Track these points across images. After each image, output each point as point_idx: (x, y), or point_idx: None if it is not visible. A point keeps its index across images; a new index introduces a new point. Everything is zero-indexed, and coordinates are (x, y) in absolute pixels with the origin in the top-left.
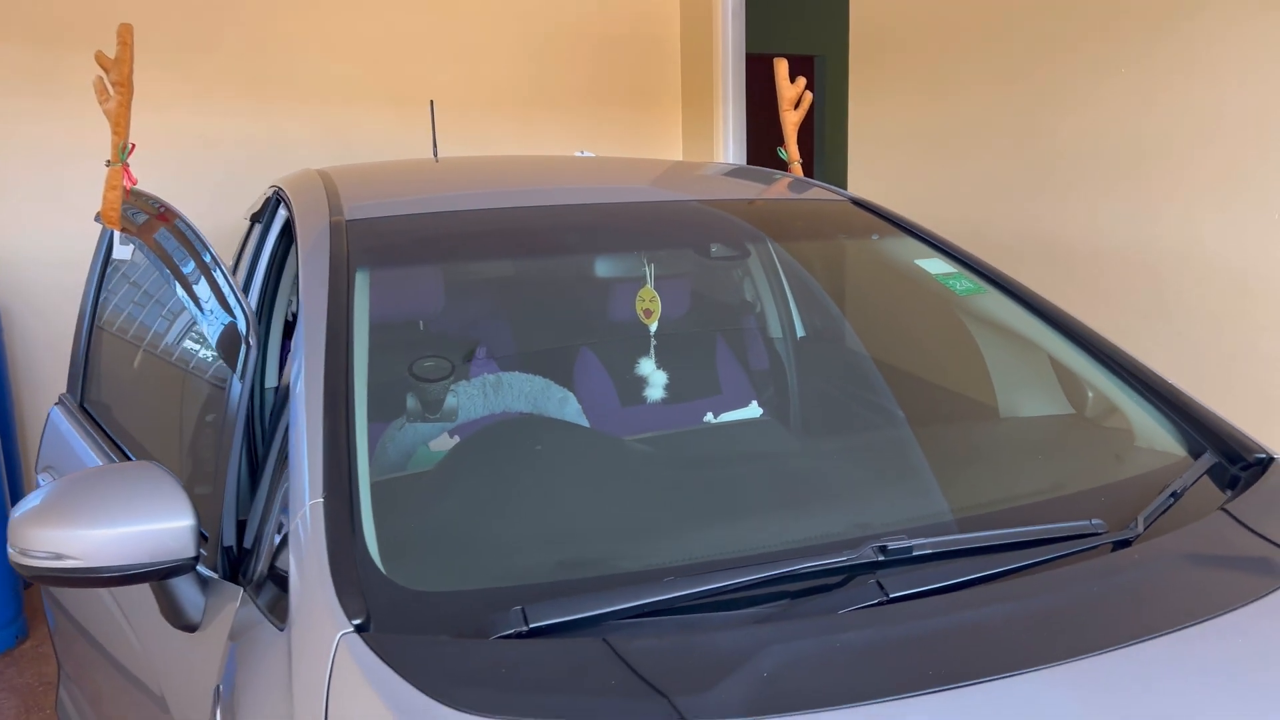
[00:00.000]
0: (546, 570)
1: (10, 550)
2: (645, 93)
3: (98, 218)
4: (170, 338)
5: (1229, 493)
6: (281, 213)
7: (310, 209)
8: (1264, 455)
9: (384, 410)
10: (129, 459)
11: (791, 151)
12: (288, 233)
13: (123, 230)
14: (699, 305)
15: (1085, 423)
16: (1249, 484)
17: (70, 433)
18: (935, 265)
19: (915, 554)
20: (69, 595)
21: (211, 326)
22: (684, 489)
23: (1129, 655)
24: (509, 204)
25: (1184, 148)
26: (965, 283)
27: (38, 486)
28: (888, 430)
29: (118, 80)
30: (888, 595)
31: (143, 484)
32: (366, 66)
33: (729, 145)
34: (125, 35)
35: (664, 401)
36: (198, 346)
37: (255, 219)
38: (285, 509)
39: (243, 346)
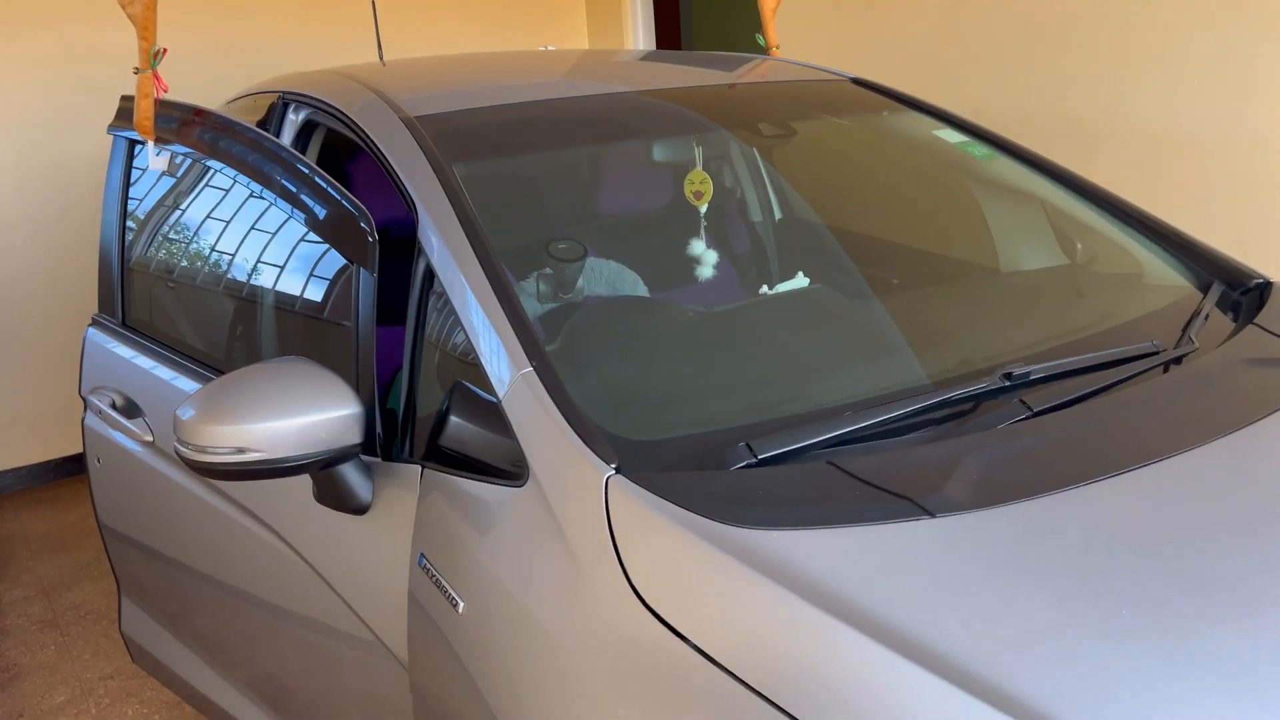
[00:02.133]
0: (741, 414)
1: (183, 450)
2: None
3: (110, 129)
4: (248, 240)
5: (1240, 313)
6: (293, 117)
7: (370, 110)
8: (1261, 280)
9: (526, 289)
10: (213, 368)
11: (770, 37)
12: (304, 136)
13: (158, 140)
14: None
15: (1106, 269)
16: (1259, 303)
17: (122, 351)
18: (951, 135)
19: (1032, 378)
20: (155, 514)
21: (318, 221)
22: (824, 340)
23: (1245, 435)
24: (557, 95)
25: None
26: (982, 149)
27: (89, 409)
28: (958, 284)
29: None
30: (1032, 410)
31: (303, 378)
32: None
33: (639, 34)
34: None
35: (728, 279)
36: (291, 244)
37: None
38: (463, 392)
39: (368, 239)
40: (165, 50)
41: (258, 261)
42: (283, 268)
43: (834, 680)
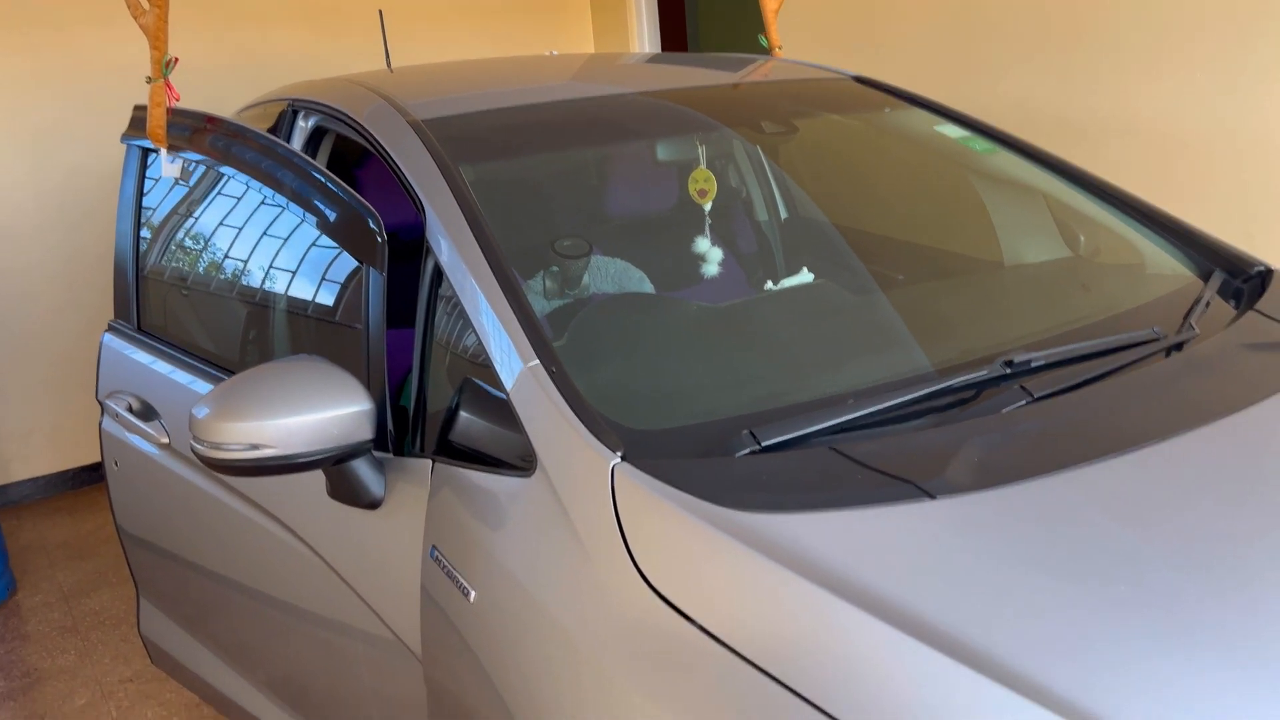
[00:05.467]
0: (745, 404)
1: (198, 447)
2: None
3: (124, 138)
4: (260, 243)
5: (1242, 300)
6: (303, 124)
7: (378, 115)
8: (1263, 267)
9: (533, 285)
10: (227, 370)
11: (773, 38)
12: (314, 142)
13: (170, 148)
14: (738, 184)
15: (1108, 260)
16: (1261, 291)
17: (138, 355)
18: (953, 130)
19: (1033, 365)
20: (172, 515)
21: (328, 223)
22: (824, 332)
23: (1246, 419)
24: (555, 98)
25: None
26: (984, 144)
27: (106, 413)
28: (960, 277)
29: None
30: (1033, 396)
31: (315, 375)
32: None
33: (644, 38)
34: None
35: (733, 275)
36: (302, 246)
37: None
38: (471, 386)
39: (377, 239)
40: (177, 60)
41: (269, 264)
42: (294, 270)
43: (837, 658)
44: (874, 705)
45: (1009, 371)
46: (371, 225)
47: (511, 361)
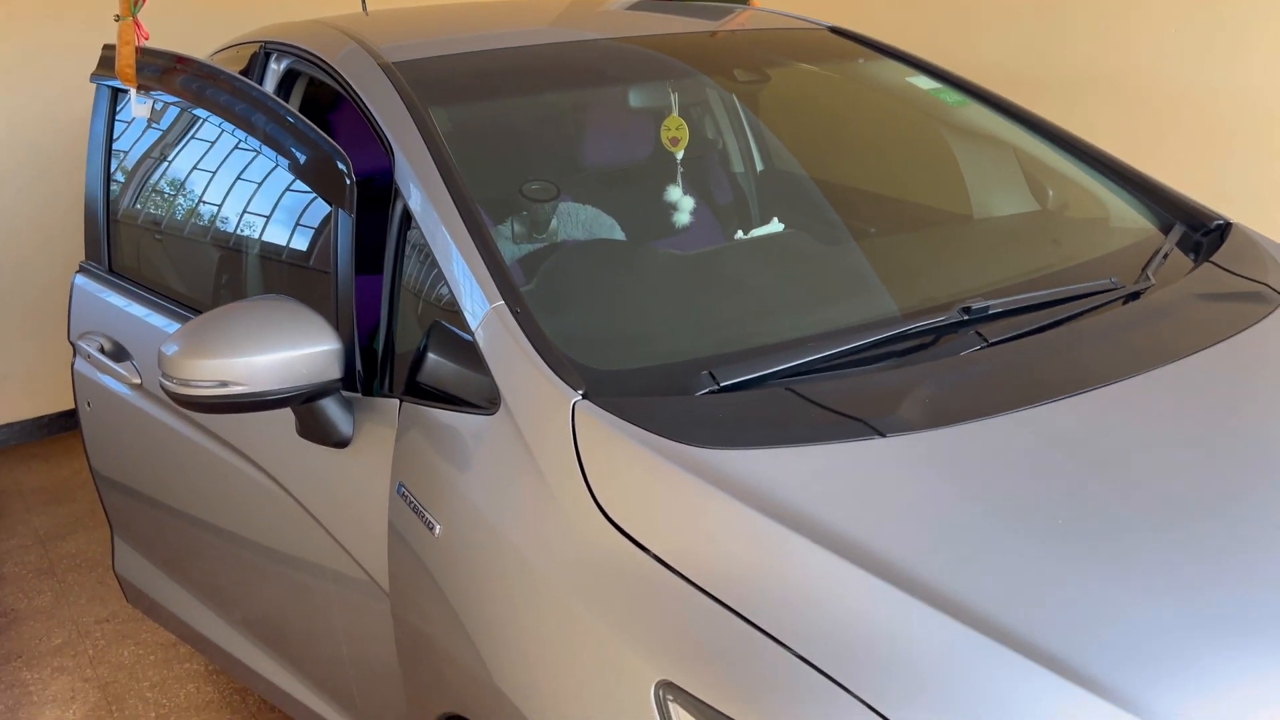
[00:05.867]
0: (706, 346)
1: (167, 384)
2: None
3: (93, 78)
4: (230, 185)
5: (1201, 252)
6: (275, 67)
7: (349, 57)
8: (1221, 221)
9: (500, 227)
10: (197, 311)
11: None
12: (286, 86)
13: (140, 88)
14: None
15: (1075, 213)
16: (1219, 243)
17: (109, 296)
18: (925, 83)
19: (992, 312)
20: (144, 455)
21: (297, 164)
22: (788, 279)
23: (1191, 364)
24: (530, 42)
25: None
26: (955, 96)
27: (78, 354)
28: (928, 229)
29: None
30: (987, 341)
31: (284, 314)
32: None
33: None
34: None
35: (703, 223)
36: (272, 187)
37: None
38: (438, 327)
39: (346, 181)
40: None
41: (239, 206)
42: (263, 211)
43: (784, 584)
44: (817, 630)
45: (966, 318)
46: (340, 167)
47: (477, 302)
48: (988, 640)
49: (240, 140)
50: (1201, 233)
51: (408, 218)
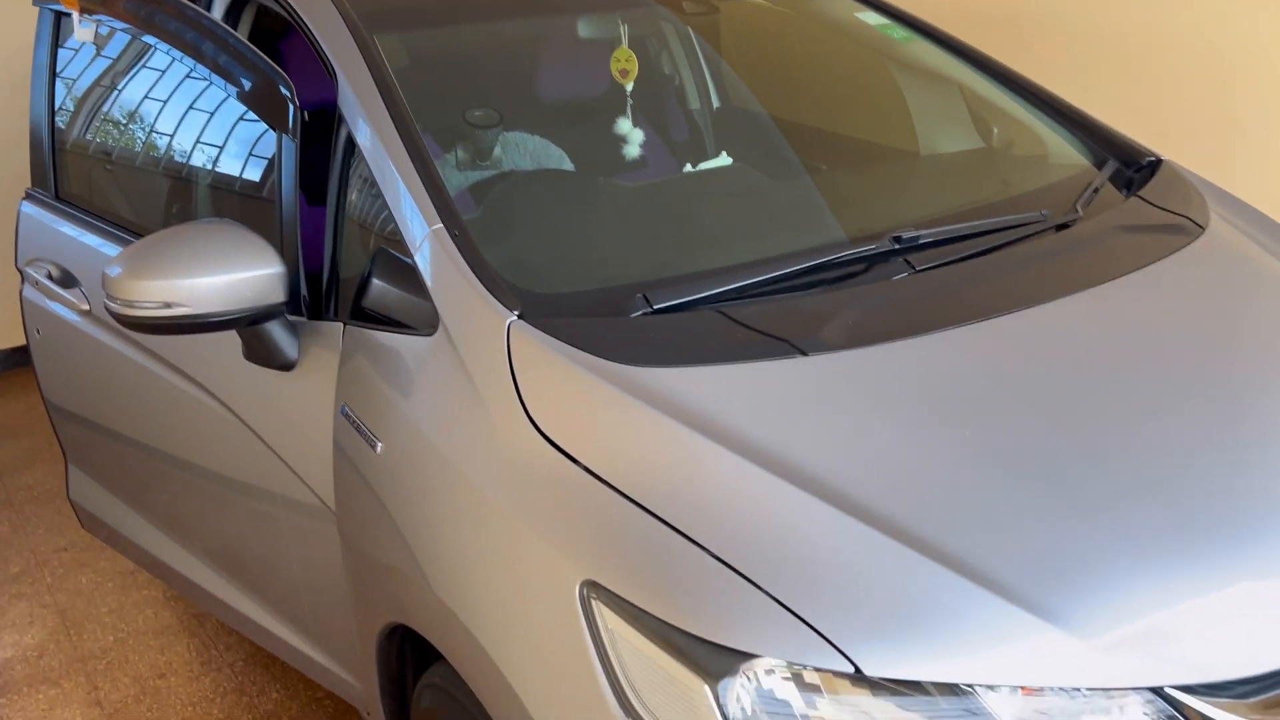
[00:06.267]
0: (642, 272)
1: (112, 305)
2: None
3: (36, 0)
4: (175, 110)
5: (1132, 187)
6: None
7: None
8: (1154, 158)
9: (443, 154)
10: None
11: None
12: (234, 13)
13: (82, 11)
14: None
15: (1016, 150)
16: (1147, 178)
17: (57, 223)
18: (873, 18)
19: (921, 242)
20: (95, 382)
21: (241, 89)
22: (729, 211)
23: (1104, 291)
24: None
25: None
26: (902, 33)
27: (26, 281)
28: (871, 164)
29: None
30: (914, 268)
31: (228, 237)
32: None
33: None
34: None
35: (650, 155)
36: (216, 112)
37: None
38: (379, 251)
39: (290, 106)
40: None
41: (184, 131)
42: (209, 137)
43: (703, 491)
44: (734, 533)
45: (896, 247)
46: (284, 91)
47: (417, 226)
48: (895, 543)
49: (186, 66)
50: (1134, 169)
51: (351, 143)
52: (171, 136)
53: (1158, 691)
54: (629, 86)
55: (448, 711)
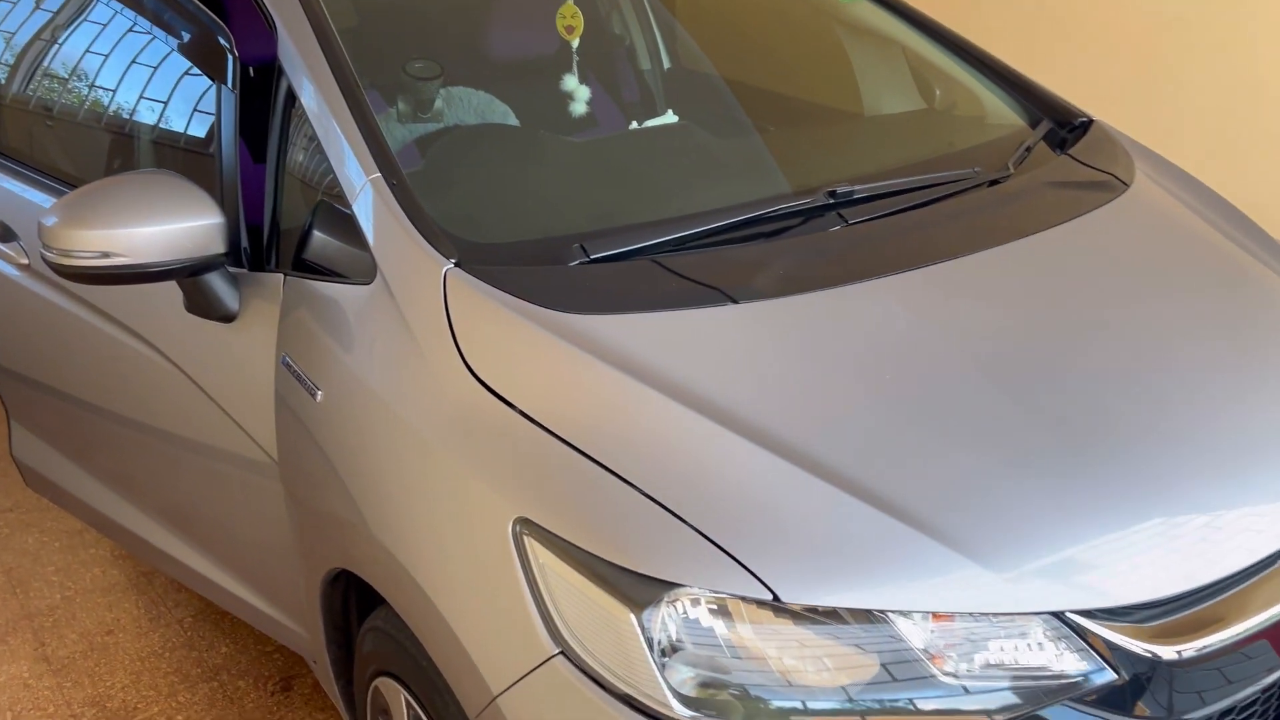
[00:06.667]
0: (578, 223)
1: (48, 255)
2: None
3: None
4: (114, 62)
5: (1065, 146)
6: None
7: None
8: (1085, 119)
9: (384, 106)
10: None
11: None
12: None
13: None
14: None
15: (956, 110)
16: (1079, 138)
17: None
18: None
19: (856, 196)
20: (35, 337)
21: (180, 39)
22: (671, 167)
23: (1028, 243)
24: None
25: None
26: None
27: None
28: (814, 124)
29: None
30: (847, 221)
31: (167, 188)
32: None
33: None
34: None
35: (595, 113)
36: (156, 64)
37: None
38: (319, 202)
39: (229, 58)
40: None
41: (123, 83)
42: (148, 89)
43: (632, 431)
44: (662, 471)
45: (831, 201)
46: (222, 42)
47: (355, 175)
48: (816, 479)
49: (127, 18)
50: (1067, 129)
51: (291, 95)
52: (108, 87)
53: (1059, 616)
54: (575, 43)
55: (390, 654)
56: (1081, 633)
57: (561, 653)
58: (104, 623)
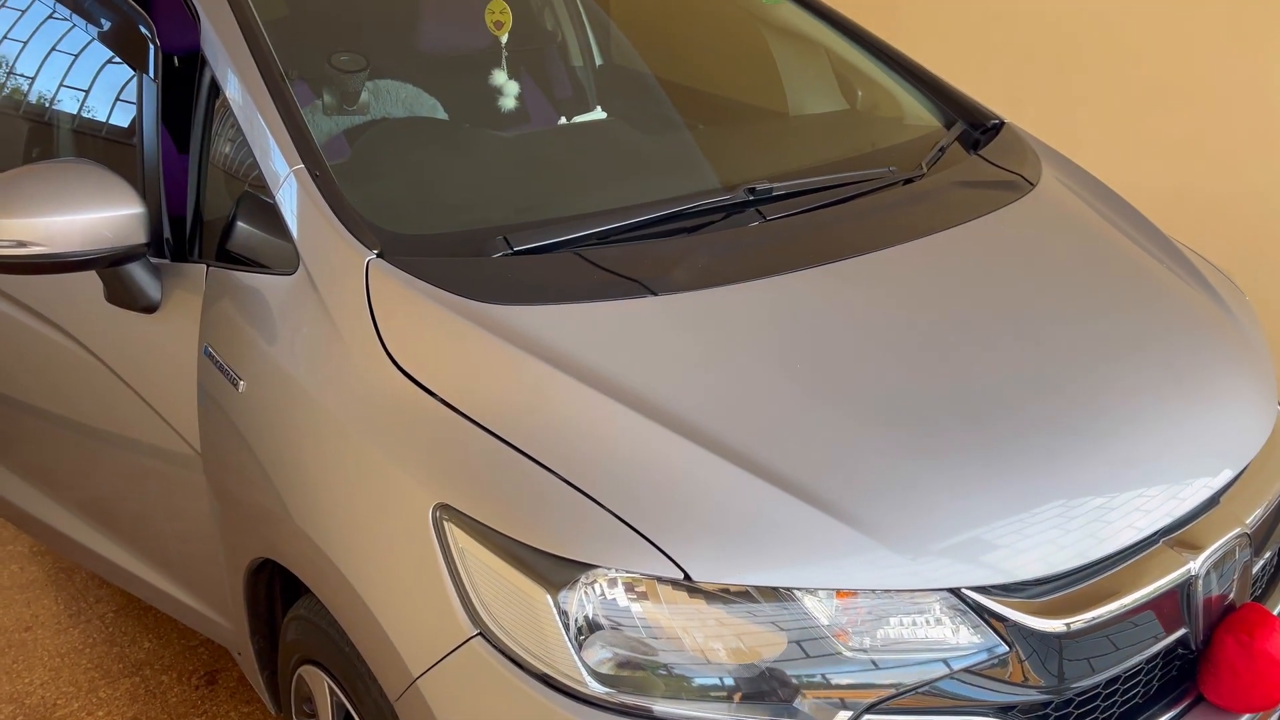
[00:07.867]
0: (503, 216)
1: None
2: None
3: None
4: (33, 52)
5: (977, 147)
6: None
7: None
8: (998, 121)
9: (310, 98)
10: None
11: None
12: None
13: None
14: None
15: (876, 112)
16: (990, 139)
17: None
18: None
19: (775, 194)
20: None
21: (100, 29)
22: (597, 163)
23: (936, 240)
24: None
25: None
26: None
27: None
28: (737, 123)
29: None
30: (765, 218)
31: (86, 177)
32: None
33: None
34: None
35: (523, 109)
36: (77, 54)
37: None
38: (243, 193)
39: (150, 47)
40: None
41: (43, 73)
42: (69, 79)
43: (551, 418)
44: (580, 456)
45: (750, 198)
46: (143, 31)
47: (278, 165)
48: (727, 463)
49: (44, 3)
50: (980, 130)
51: (215, 85)
52: (30, 78)
53: (956, 593)
54: (504, 39)
55: (313, 642)
56: (977, 608)
57: (480, 634)
58: (22, 619)
